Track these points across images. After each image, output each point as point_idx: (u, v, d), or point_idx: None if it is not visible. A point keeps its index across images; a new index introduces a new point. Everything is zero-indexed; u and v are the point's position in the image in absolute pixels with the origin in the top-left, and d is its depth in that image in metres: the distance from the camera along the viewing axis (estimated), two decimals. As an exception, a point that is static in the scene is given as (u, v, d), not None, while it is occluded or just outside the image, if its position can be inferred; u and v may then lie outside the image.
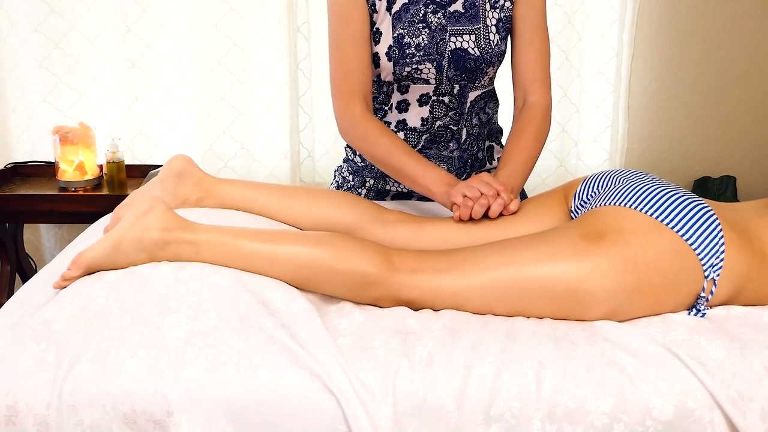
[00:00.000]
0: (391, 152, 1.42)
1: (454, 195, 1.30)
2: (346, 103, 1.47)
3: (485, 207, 1.26)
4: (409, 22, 1.47)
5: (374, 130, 1.45)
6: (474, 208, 1.26)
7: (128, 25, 2.36)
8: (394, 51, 1.48)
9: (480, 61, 1.50)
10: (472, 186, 1.29)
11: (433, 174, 1.38)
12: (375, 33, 1.49)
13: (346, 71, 1.47)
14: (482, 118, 1.61)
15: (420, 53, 1.48)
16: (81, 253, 1.09)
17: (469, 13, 1.49)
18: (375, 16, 1.48)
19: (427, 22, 1.48)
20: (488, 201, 1.27)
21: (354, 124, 1.47)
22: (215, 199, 1.32)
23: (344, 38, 1.47)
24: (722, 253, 1.08)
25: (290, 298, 1.05)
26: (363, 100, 1.47)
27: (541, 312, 1.08)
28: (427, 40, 1.48)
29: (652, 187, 1.14)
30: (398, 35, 1.47)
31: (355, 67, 1.47)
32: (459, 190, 1.30)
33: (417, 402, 0.92)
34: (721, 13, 2.57)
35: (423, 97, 1.54)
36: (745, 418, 0.92)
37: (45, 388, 0.92)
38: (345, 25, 1.46)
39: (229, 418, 0.91)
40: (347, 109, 1.47)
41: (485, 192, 1.27)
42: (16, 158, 2.45)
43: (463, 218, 1.28)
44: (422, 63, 1.49)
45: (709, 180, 2.66)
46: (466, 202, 1.28)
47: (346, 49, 1.47)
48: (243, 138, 2.48)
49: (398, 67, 1.49)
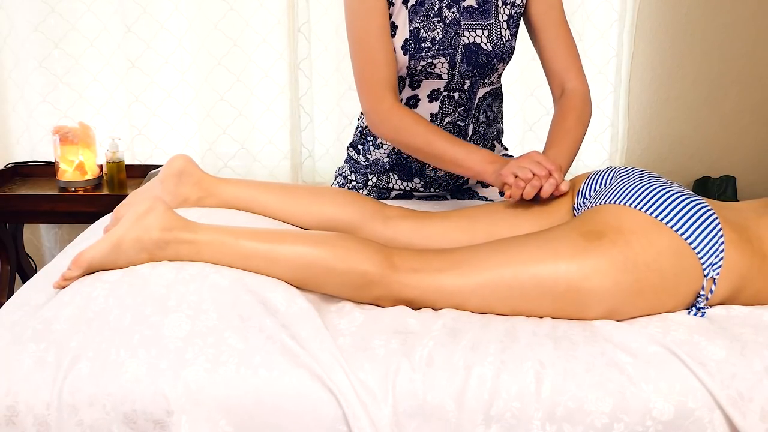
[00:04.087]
0: (430, 140, 1.40)
1: (505, 175, 1.28)
2: (376, 97, 1.45)
3: (537, 188, 1.24)
4: (425, 16, 1.47)
5: (408, 119, 1.43)
6: (526, 189, 1.24)
7: (128, 25, 2.36)
8: (410, 44, 1.47)
9: (492, 57, 1.50)
10: (523, 167, 1.26)
11: (476, 155, 1.37)
12: (391, 26, 1.47)
13: (373, 64, 1.45)
14: (489, 115, 1.62)
15: (435, 47, 1.48)
16: (81, 253, 1.09)
17: (483, 9, 1.49)
18: (391, 9, 1.47)
19: (441, 17, 1.47)
20: (540, 182, 1.25)
21: (387, 117, 1.44)
22: (215, 199, 1.32)
23: (368, 31, 1.44)
24: (722, 252, 1.08)
25: (290, 298, 1.05)
26: (392, 91, 1.45)
27: (541, 311, 1.08)
28: (442, 35, 1.47)
29: (652, 186, 1.14)
30: (414, 29, 1.47)
31: (381, 59, 1.45)
32: (510, 170, 1.27)
33: (417, 402, 0.92)
34: (721, 13, 2.57)
35: (434, 92, 1.54)
36: (745, 418, 0.92)
37: (45, 388, 0.92)
38: (366, 17, 1.44)
39: (229, 418, 0.91)
40: (378, 103, 1.45)
41: (537, 173, 1.25)
42: (16, 158, 2.45)
43: (514, 198, 1.26)
44: (437, 57, 1.48)
45: (709, 180, 2.66)
46: (517, 183, 1.26)
47: (370, 42, 1.44)
48: (243, 138, 2.48)
49: (414, 60, 1.48)
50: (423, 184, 1.64)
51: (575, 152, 1.44)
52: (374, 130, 1.49)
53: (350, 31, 1.47)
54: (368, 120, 1.48)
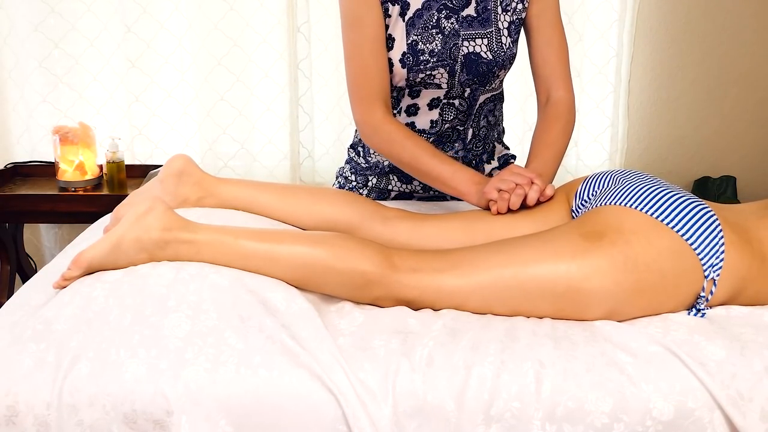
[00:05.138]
0: (418, 156, 1.41)
1: (488, 192, 1.28)
2: (367, 108, 1.45)
3: (522, 196, 1.25)
4: (423, 28, 1.46)
5: (398, 133, 1.43)
6: (511, 199, 1.25)
7: (128, 25, 2.36)
8: (408, 57, 1.46)
9: (492, 65, 1.50)
10: (504, 179, 1.27)
11: (462, 175, 1.37)
12: (388, 39, 1.47)
13: (366, 75, 1.45)
14: (490, 120, 1.61)
15: (434, 59, 1.47)
16: (81, 253, 1.08)
17: (482, 17, 1.48)
18: (388, 20, 1.46)
19: (440, 28, 1.46)
20: (524, 190, 1.25)
21: (377, 129, 1.45)
22: (215, 199, 1.32)
23: (361, 42, 1.44)
24: (722, 253, 1.08)
25: (290, 298, 1.05)
26: (384, 103, 1.45)
27: (541, 311, 1.08)
28: (441, 46, 1.46)
29: (653, 187, 1.14)
30: (412, 42, 1.46)
31: (374, 71, 1.45)
32: (493, 185, 1.28)
33: (417, 402, 0.92)
34: (721, 13, 2.57)
35: (434, 101, 1.53)
36: (745, 418, 0.92)
37: (45, 388, 0.92)
38: (361, 28, 1.44)
39: (229, 418, 0.91)
40: (369, 115, 1.45)
41: (519, 182, 1.26)
42: (16, 158, 2.46)
43: (501, 211, 1.26)
44: (435, 68, 1.47)
45: (709, 180, 2.66)
46: (502, 195, 1.26)
47: (364, 54, 1.45)
48: (243, 138, 2.48)
49: (412, 73, 1.48)
50: (422, 186, 1.64)
51: (559, 163, 1.45)
52: (365, 140, 1.50)
53: (345, 41, 1.47)
54: (360, 131, 1.49)
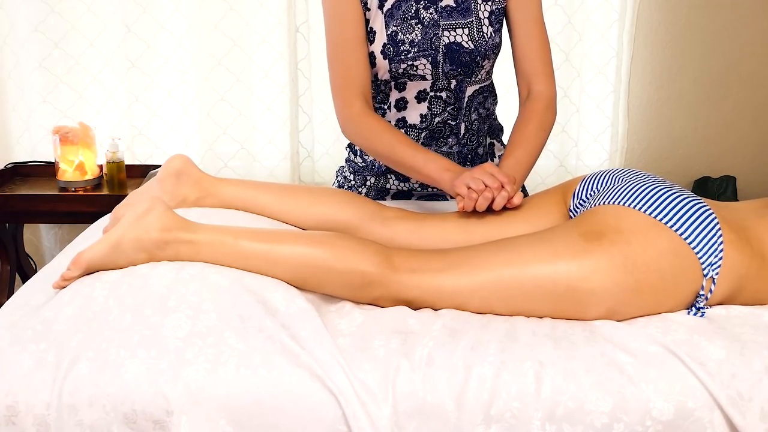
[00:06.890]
0: (393, 146, 1.42)
1: (458, 185, 1.28)
2: (346, 103, 1.48)
3: (489, 200, 1.25)
4: (402, 18, 1.48)
5: (375, 126, 1.45)
6: (478, 201, 1.25)
7: (128, 25, 2.36)
8: (388, 48, 1.49)
9: (475, 54, 1.51)
10: (476, 178, 1.27)
11: (434, 163, 1.38)
12: (369, 32, 1.50)
13: (346, 71, 1.48)
14: (481, 113, 1.62)
15: (414, 49, 1.49)
16: (80, 253, 1.08)
17: (461, 7, 1.50)
18: (368, 14, 1.49)
19: (419, 18, 1.48)
20: (492, 194, 1.25)
21: (355, 122, 1.48)
22: (214, 199, 1.32)
23: (342, 39, 1.48)
24: (721, 252, 1.08)
25: (290, 298, 1.05)
26: (363, 98, 1.48)
27: (541, 311, 1.08)
28: (421, 36, 1.48)
29: (652, 186, 1.14)
30: (392, 32, 1.48)
31: (353, 67, 1.48)
32: (463, 181, 1.28)
33: (417, 402, 0.92)
34: (721, 13, 2.57)
35: (421, 93, 1.55)
36: (745, 418, 0.92)
37: (45, 388, 0.92)
38: (341, 25, 1.47)
39: (229, 418, 0.91)
40: (347, 108, 1.48)
41: (489, 184, 1.25)
42: (16, 158, 2.45)
43: (467, 209, 1.27)
44: (417, 59, 1.49)
45: (709, 180, 2.66)
46: (470, 194, 1.26)
47: (344, 50, 1.48)
48: (243, 138, 2.48)
49: (394, 64, 1.50)
50: (421, 184, 1.64)
51: (533, 161, 1.45)
52: (344, 134, 1.52)
53: (327, 38, 1.50)
54: (339, 124, 1.51)
